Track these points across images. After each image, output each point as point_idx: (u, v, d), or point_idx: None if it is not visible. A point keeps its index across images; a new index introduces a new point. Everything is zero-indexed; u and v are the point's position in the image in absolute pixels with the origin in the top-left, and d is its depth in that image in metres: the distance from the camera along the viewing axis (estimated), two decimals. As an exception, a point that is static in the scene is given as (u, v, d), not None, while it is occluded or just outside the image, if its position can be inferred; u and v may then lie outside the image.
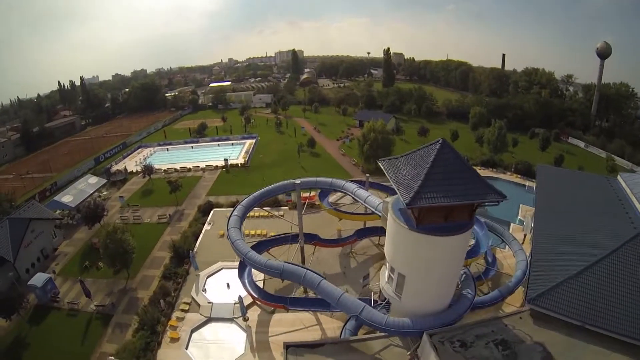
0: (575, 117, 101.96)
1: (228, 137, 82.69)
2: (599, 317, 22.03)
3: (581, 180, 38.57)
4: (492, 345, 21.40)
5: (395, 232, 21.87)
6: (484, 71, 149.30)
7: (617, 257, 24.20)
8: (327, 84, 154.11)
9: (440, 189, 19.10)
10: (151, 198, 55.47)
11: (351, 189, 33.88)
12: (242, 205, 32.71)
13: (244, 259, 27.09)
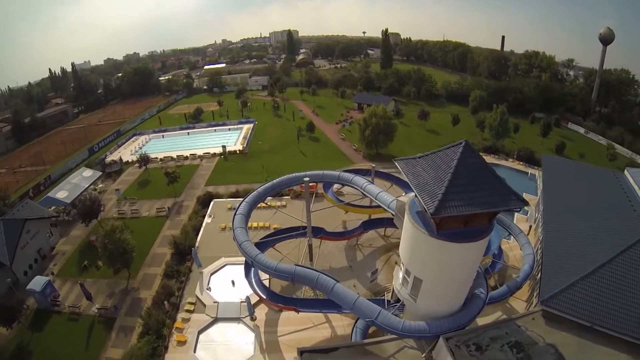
0: (575, 103, 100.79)
1: (225, 122, 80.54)
2: (608, 318, 22.01)
3: (588, 173, 38.03)
4: (506, 348, 21.26)
5: (413, 237, 21.17)
6: (483, 53, 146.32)
7: (626, 258, 24.02)
8: (323, 65, 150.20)
9: (465, 196, 18.29)
10: (148, 190, 53.97)
11: (360, 184, 32.57)
12: (246, 202, 31.55)
13: (252, 263, 26.12)
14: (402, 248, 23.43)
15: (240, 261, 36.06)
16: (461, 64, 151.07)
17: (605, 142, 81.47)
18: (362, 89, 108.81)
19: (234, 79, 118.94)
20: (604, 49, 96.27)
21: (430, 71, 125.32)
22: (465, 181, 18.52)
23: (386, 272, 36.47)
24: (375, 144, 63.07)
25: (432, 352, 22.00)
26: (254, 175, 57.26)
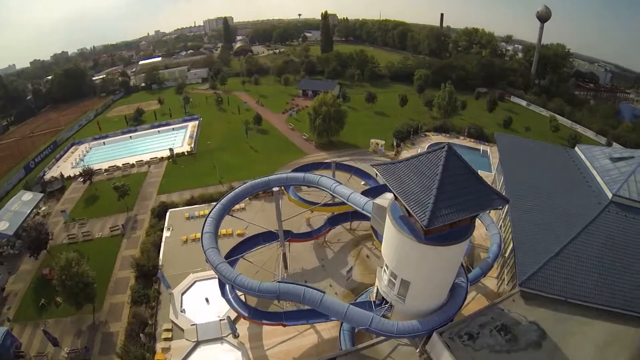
0: (516, 77, 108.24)
1: (168, 121, 74.26)
2: (579, 291, 23.94)
3: (541, 150, 40.67)
4: (495, 333, 22.33)
5: (399, 244, 20.93)
6: (423, 30, 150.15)
7: (588, 234, 26.12)
8: (261, 51, 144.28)
9: (453, 203, 18.24)
10: (97, 207, 48.39)
11: (329, 185, 31.51)
12: (212, 219, 29.01)
13: (233, 286, 24.37)
14: (386, 252, 23.18)
15: (209, 275, 34.28)
16: (401, 42, 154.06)
17: (546, 113, 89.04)
18: (305, 74, 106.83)
19: (172, 73, 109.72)
20: (541, 25, 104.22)
21: (372, 52, 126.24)
22: (452, 187, 18.45)
23: (359, 266, 36.79)
24: (327, 133, 62.32)
25: (425, 347, 22.53)
26: (207, 177, 54.14)
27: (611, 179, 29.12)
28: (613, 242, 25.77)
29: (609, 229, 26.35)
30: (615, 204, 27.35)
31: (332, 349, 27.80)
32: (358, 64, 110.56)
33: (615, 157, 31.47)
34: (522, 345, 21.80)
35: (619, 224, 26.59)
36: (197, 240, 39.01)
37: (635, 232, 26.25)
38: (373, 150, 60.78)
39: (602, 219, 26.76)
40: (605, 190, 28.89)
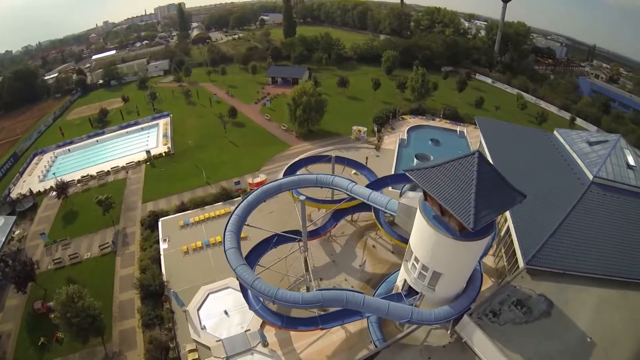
0: (479, 55, 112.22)
1: (137, 120, 69.18)
2: (575, 263, 26.95)
3: (523, 134, 43.47)
4: (513, 308, 24.74)
5: (435, 241, 22.23)
6: (383, 10, 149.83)
7: (576, 213, 29.09)
8: (219, 38, 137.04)
9: (489, 204, 19.73)
10: (78, 223, 44.72)
11: (345, 186, 31.46)
12: (230, 232, 27.92)
13: (274, 302, 24.09)
14: (418, 249, 24.31)
15: (222, 286, 33.97)
16: (361, 22, 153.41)
17: (512, 91, 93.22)
18: (272, 61, 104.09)
19: (130, 67, 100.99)
20: (504, 6, 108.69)
21: (335, 33, 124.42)
22: (485, 191, 19.89)
23: (367, 257, 37.92)
24: (308, 123, 61.90)
25: (455, 328, 24.45)
26: (192, 179, 52.23)
27: (590, 162, 32.29)
28: (597, 218, 29.06)
29: (592, 207, 29.60)
30: (596, 184, 30.67)
31: (361, 341, 29.23)
32: (324, 47, 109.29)
33: (592, 141, 34.72)
34: (536, 316, 24.44)
35: (600, 202, 29.94)
36: (198, 250, 38.45)
37: (615, 208, 29.71)
38: (355, 137, 61.28)
39: (586, 198, 29.95)
40: (586, 172, 32.02)
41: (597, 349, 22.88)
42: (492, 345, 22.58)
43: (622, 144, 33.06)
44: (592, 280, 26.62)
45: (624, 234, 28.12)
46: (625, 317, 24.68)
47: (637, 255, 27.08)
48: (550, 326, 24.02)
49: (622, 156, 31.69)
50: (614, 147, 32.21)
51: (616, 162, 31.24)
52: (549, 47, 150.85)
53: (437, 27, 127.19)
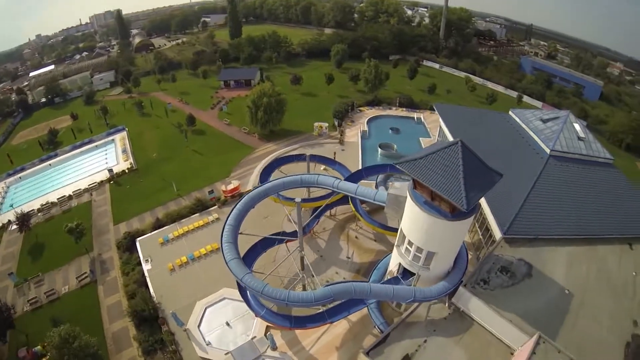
0: (426, 42, 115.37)
1: (91, 138, 63.09)
2: (543, 228, 29.75)
3: (481, 116, 46.06)
4: (499, 274, 26.95)
5: (429, 223, 23.42)
6: (327, 3, 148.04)
7: (541, 183, 31.98)
8: (163, 44, 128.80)
9: (475, 186, 21.25)
10: (47, 256, 40.43)
11: (330, 183, 31.38)
12: (228, 243, 27.06)
13: (287, 305, 23.99)
14: (411, 232, 25.37)
15: (218, 297, 32.98)
16: (305, 17, 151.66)
17: (459, 74, 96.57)
18: (221, 64, 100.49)
19: (73, 82, 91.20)
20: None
21: (281, 30, 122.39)
22: (471, 174, 21.35)
23: (352, 248, 38.57)
24: (269, 123, 60.74)
25: (451, 300, 26.01)
26: (161, 193, 49.58)
27: (546, 137, 35.32)
28: (558, 186, 32.18)
29: (553, 178, 32.69)
30: (553, 157, 33.79)
31: (364, 328, 29.95)
32: (272, 45, 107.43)
33: (545, 118, 37.88)
34: (519, 278, 26.84)
35: (559, 172, 33.16)
36: (185, 265, 36.78)
37: (571, 176, 33.07)
38: (318, 133, 61.32)
39: (546, 170, 32.97)
40: (544, 147, 35.03)
41: (575, 298, 25.54)
42: (489, 309, 24.45)
43: (572, 118, 36.55)
44: (561, 240, 29.48)
45: (582, 197, 31.39)
46: (593, 269, 27.70)
47: (596, 215, 30.41)
48: (533, 285, 26.37)
49: (572, 130, 35.05)
50: (565, 122, 35.50)
51: (568, 135, 34.48)
52: (489, 30, 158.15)
53: (381, 17, 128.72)
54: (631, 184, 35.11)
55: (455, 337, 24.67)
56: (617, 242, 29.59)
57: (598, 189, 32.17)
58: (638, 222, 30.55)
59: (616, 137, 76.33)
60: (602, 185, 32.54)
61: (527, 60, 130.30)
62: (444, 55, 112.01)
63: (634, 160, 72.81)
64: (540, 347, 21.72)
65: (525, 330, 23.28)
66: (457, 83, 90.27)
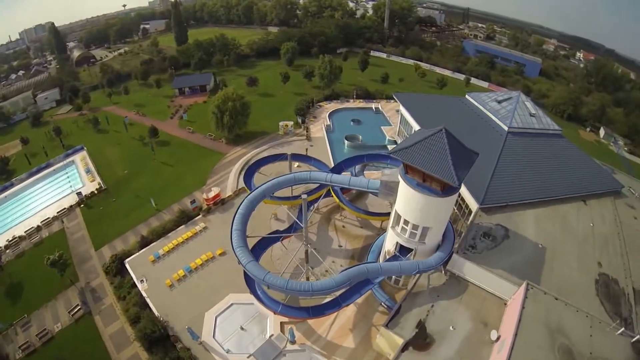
0: (371, 33, 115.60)
1: (48, 162, 56.23)
2: (511, 194, 32.68)
3: (439, 101, 48.32)
4: (483, 239, 29.35)
5: (423, 202, 25.00)
6: (269, 1, 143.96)
7: (504, 157, 34.81)
8: (104, 55, 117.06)
9: (461, 165, 23.11)
10: (29, 295, 35.86)
11: (324, 178, 32.41)
12: (240, 247, 26.97)
13: (311, 296, 25.05)
14: (406, 212, 26.79)
15: (225, 304, 31.98)
16: (247, 17, 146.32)
17: (407, 61, 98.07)
18: (173, 72, 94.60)
19: (15, 104, 79.16)
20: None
21: (225, 32, 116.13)
22: (456, 155, 23.16)
23: (342, 237, 39.21)
24: (235, 127, 58.82)
25: (446, 267, 28.17)
26: (138, 210, 46.38)
27: (502, 116, 38.24)
28: (518, 158, 35.31)
29: (513, 151, 35.68)
30: (511, 133, 36.73)
31: (370, 307, 31.02)
32: (221, 48, 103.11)
33: (499, 99, 40.80)
34: (500, 240, 29.46)
35: (518, 146, 36.25)
36: (183, 279, 35.02)
37: (529, 148, 36.32)
38: (284, 132, 60.60)
39: (507, 145, 35.90)
40: (502, 125, 37.94)
41: (548, 250, 28.56)
42: (480, 269, 26.75)
43: (523, 97, 39.87)
44: (528, 204, 32.62)
45: (540, 165, 34.80)
46: (558, 224, 31.08)
47: (554, 179, 33.92)
48: (512, 244, 29.02)
49: (524, 108, 38.28)
50: (517, 102, 38.67)
51: (521, 113, 37.63)
52: (429, 16, 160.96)
53: (326, 12, 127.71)
54: (579, 149, 39.54)
55: (457, 299, 26.79)
56: (573, 200, 33.54)
57: (552, 157, 35.91)
58: (588, 181, 34.80)
59: (558, 109, 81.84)
60: (555, 153, 36.35)
61: (469, 43, 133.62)
62: (390, 45, 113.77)
63: (577, 128, 79.84)
64: (530, 292, 24.28)
65: (514, 282, 25.86)
66: (407, 71, 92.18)
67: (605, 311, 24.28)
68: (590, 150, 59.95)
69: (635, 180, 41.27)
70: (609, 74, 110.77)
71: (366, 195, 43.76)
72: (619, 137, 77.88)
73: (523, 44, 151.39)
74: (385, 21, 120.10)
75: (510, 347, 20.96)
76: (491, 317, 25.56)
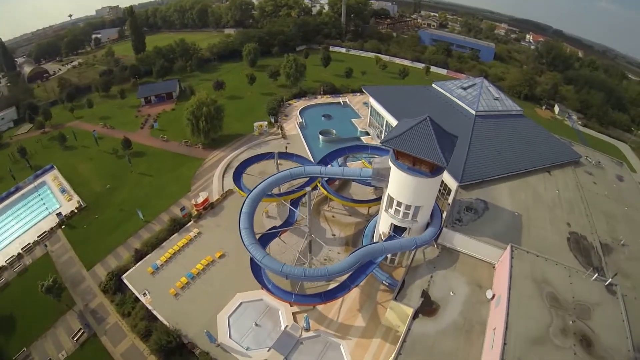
0: (329, 29, 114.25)
1: (17, 185, 50.85)
2: (485, 171, 34.92)
3: (407, 92, 49.61)
4: (466, 212, 31.30)
5: (415, 184, 26.43)
6: (224, 3, 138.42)
7: (475, 138, 37.00)
8: (57, 69, 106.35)
9: (446, 148, 24.79)
10: (23, 326, 32.56)
11: (319, 171, 32.89)
12: (254, 244, 26.88)
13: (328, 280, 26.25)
14: (399, 195, 28.08)
15: (235, 304, 31.55)
16: (202, 20, 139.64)
17: (366, 54, 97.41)
18: (136, 81, 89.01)
19: None
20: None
21: (180, 36, 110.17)
22: (441, 140, 24.68)
23: (334, 227, 39.89)
24: (211, 132, 57.15)
25: (437, 241, 29.85)
26: (125, 224, 43.80)
27: (469, 102, 40.32)
28: (488, 138, 37.66)
29: (482, 132, 38.00)
30: (479, 116, 38.92)
31: (372, 286, 32.16)
32: (182, 54, 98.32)
33: (465, 86, 42.85)
34: (481, 212, 31.52)
35: (486, 127, 38.56)
36: (187, 286, 33.96)
37: (496, 129, 38.83)
38: (259, 132, 59.63)
39: (476, 127, 38.09)
40: (469, 110, 40.05)
41: (523, 217, 31.00)
42: (469, 238, 28.59)
43: (486, 83, 42.20)
44: (500, 179, 35.10)
45: (508, 143, 37.41)
46: (529, 194, 33.83)
47: (520, 154, 36.59)
48: (492, 214, 31.17)
49: (488, 92, 40.59)
50: (482, 87, 40.89)
51: (486, 97, 39.88)
52: (382, 8, 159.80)
53: (282, 10, 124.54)
54: (539, 126, 42.59)
55: (451, 268, 28.57)
56: (540, 172, 36.58)
57: (517, 134, 38.69)
58: (550, 154, 37.90)
59: (515, 91, 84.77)
60: (519, 131, 39.14)
61: (425, 33, 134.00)
62: (349, 39, 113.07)
63: (533, 107, 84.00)
64: (515, 252, 26.42)
65: (499, 246, 27.95)
66: (368, 64, 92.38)
67: (579, 263, 27.11)
68: (548, 126, 63.11)
69: (590, 150, 45.62)
70: (558, 54, 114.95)
71: (349, 185, 44.67)
72: (572, 113, 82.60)
73: (476, 30, 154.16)
74: (342, 16, 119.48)
75: (507, 300, 22.87)
76: (484, 280, 27.57)
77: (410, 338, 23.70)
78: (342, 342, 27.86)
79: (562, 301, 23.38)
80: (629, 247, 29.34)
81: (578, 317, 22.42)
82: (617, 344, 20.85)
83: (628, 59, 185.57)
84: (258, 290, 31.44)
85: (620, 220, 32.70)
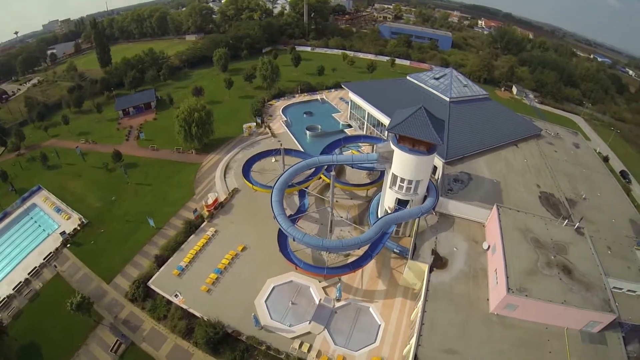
0: (292, 29, 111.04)
1: (5, 211, 45.43)
2: (467, 147, 38.31)
3: (384, 85, 51.42)
4: (456, 183, 34.52)
5: (416, 161, 28.87)
6: (183, 9, 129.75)
7: (451, 121, 39.96)
8: (16, 89, 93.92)
9: (439, 129, 27.63)
10: (49, 352, 29.72)
11: (331, 159, 34.78)
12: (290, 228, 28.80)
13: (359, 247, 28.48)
14: (403, 172, 30.38)
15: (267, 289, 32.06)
16: (162, 28, 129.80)
17: (331, 51, 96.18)
18: (110, 94, 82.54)
19: None
20: None
21: (142, 47, 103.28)
22: (434, 123, 27.39)
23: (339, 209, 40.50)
24: (204, 136, 55.58)
25: (435, 209, 32.53)
26: (137, 234, 41.71)
27: (442, 90, 43.34)
28: (462, 121, 40.86)
29: (457, 116, 41.18)
30: (452, 102, 42.11)
31: (384, 256, 34.25)
32: (151, 63, 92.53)
33: (437, 76, 45.63)
34: (466, 183, 34.89)
35: (459, 112, 41.83)
36: (218, 280, 33.73)
37: (468, 112, 42.14)
38: (249, 133, 58.90)
39: (452, 112, 41.20)
40: (443, 97, 43.03)
41: (502, 183, 34.86)
42: (461, 203, 31.75)
43: (455, 72, 45.38)
44: (478, 154, 38.72)
45: (480, 123, 41.04)
46: (503, 164, 37.99)
47: (491, 131, 40.40)
48: (476, 184, 34.66)
49: (458, 81, 43.87)
50: (452, 76, 44.05)
51: (456, 85, 43.13)
52: (339, 4, 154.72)
53: (244, 13, 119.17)
54: (504, 106, 46.30)
55: (450, 229, 31.62)
56: (509, 146, 40.91)
57: (487, 115, 42.56)
58: (515, 130, 42.26)
59: (475, 76, 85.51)
60: (488, 112, 43.03)
61: (384, 27, 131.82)
62: (312, 38, 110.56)
63: (493, 89, 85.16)
64: (501, 210, 29.98)
65: (486, 207, 31.37)
66: (335, 60, 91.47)
67: (551, 215, 31.51)
68: (509, 105, 65.85)
69: (549, 124, 50.98)
70: (511, 38, 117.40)
71: (344, 172, 46.40)
72: (529, 92, 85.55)
73: (432, 20, 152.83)
74: (304, 16, 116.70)
75: (502, 246, 26.36)
76: (478, 236, 31.04)
77: (431, 287, 26.65)
78: (371, 305, 29.87)
79: (544, 243, 27.35)
80: (589, 200, 34.51)
81: (558, 253, 26.46)
82: (591, 270, 25.14)
83: (576, 37, 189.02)
84: (286, 274, 32.43)
85: (580, 179, 38.06)
